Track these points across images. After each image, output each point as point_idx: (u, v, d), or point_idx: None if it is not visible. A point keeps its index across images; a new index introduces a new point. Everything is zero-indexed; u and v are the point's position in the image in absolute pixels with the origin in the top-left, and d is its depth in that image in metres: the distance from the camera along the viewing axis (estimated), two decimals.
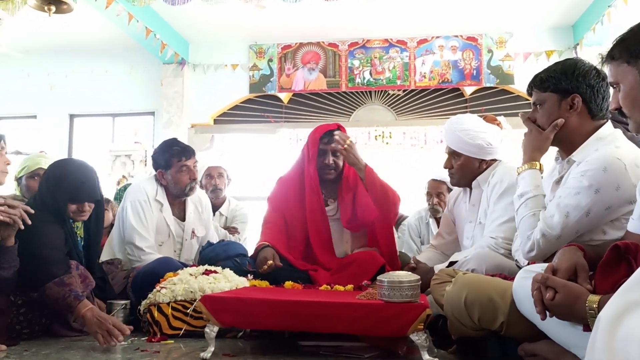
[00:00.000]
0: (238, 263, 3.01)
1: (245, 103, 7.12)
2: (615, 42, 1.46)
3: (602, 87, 1.83)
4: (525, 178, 1.89)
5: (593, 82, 1.83)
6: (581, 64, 1.87)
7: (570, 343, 1.41)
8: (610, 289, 1.22)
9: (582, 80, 1.83)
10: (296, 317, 1.87)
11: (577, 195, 1.70)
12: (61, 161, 2.66)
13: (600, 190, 1.66)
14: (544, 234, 1.74)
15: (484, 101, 6.72)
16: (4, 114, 7.59)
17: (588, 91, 1.83)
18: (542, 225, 1.75)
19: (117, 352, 2.07)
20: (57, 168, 2.52)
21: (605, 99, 1.84)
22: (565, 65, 1.89)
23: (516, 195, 1.91)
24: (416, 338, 1.77)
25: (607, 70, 1.51)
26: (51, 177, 2.46)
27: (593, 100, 1.83)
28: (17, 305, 2.27)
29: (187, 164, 3.04)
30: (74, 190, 2.42)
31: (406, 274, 1.86)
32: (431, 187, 3.93)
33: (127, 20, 5.60)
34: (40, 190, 2.50)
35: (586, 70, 1.84)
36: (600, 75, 1.84)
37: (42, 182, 2.51)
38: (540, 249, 1.75)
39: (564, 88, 1.85)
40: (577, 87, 1.83)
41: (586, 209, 1.68)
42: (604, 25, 5.65)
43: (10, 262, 2.15)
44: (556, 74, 1.87)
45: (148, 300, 2.43)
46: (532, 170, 1.89)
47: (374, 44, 6.96)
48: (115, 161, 6.80)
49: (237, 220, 4.16)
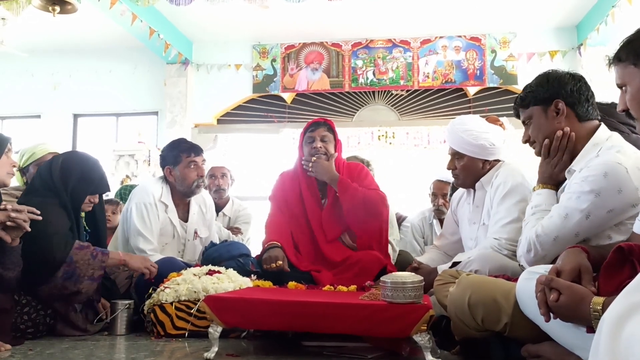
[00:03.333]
0: (241, 263, 3.01)
1: (248, 103, 7.13)
2: (622, 44, 1.46)
3: (581, 89, 1.86)
4: (542, 195, 1.93)
5: (570, 86, 1.86)
6: (554, 73, 1.92)
7: (574, 344, 1.41)
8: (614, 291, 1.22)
9: (559, 86, 1.87)
10: (299, 318, 1.87)
11: (578, 199, 1.71)
12: (77, 154, 2.74)
13: (601, 194, 1.66)
14: (538, 234, 1.78)
15: (488, 101, 6.71)
16: (8, 113, 7.62)
17: (568, 94, 1.86)
18: (538, 226, 1.79)
19: (120, 352, 2.08)
20: (77, 161, 2.60)
21: (589, 100, 1.86)
22: (540, 77, 1.94)
23: (530, 206, 1.96)
24: (419, 339, 1.78)
25: (614, 72, 1.51)
26: (72, 171, 2.53)
27: (577, 102, 1.86)
28: (21, 305, 2.28)
29: (195, 160, 3.07)
30: (97, 183, 2.60)
31: (409, 275, 1.86)
32: (436, 188, 3.92)
33: (131, 20, 5.61)
34: (45, 177, 2.52)
35: (560, 76, 1.89)
36: (575, 78, 1.88)
37: (53, 170, 2.53)
38: (537, 249, 1.78)
39: (544, 97, 1.89)
40: (556, 93, 1.87)
41: (586, 212, 1.69)
42: (608, 26, 5.64)
43: (14, 262, 2.16)
44: (533, 88, 1.93)
45: (152, 300, 2.43)
46: (550, 190, 1.93)
47: (377, 44, 6.96)
48: (118, 161, 6.80)
49: (240, 220, 4.17)
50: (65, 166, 2.55)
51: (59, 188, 2.49)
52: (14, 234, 2.08)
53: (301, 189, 3.02)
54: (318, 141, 2.97)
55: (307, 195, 3.00)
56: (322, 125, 3.02)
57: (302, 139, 3.05)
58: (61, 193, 2.49)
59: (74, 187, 2.52)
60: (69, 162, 2.58)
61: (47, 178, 2.52)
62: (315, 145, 2.96)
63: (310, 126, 3.03)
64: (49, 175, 2.52)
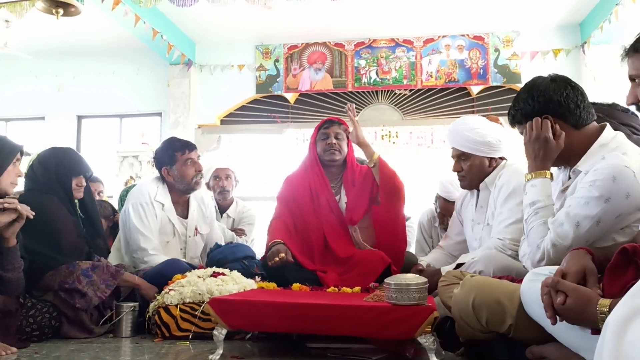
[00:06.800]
0: (246, 265, 3.02)
1: (251, 103, 7.14)
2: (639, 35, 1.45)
3: (568, 96, 1.79)
4: (537, 186, 1.83)
5: (557, 97, 1.79)
6: (539, 84, 1.84)
7: (579, 346, 1.40)
8: (619, 292, 1.22)
9: (544, 100, 1.80)
10: (304, 320, 1.88)
11: (587, 205, 1.66)
12: (50, 148, 2.85)
13: (611, 199, 1.63)
14: (554, 243, 1.70)
15: (491, 100, 6.69)
16: (12, 115, 7.64)
17: (556, 107, 1.79)
18: (552, 235, 1.71)
19: (126, 354, 2.09)
20: (52, 153, 2.77)
21: (580, 105, 1.79)
22: (524, 92, 1.86)
23: (526, 202, 1.86)
24: (424, 340, 1.78)
25: (629, 63, 1.47)
26: (49, 161, 2.70)
27: (567, 113, 1.79)
28: (26, 308, 2.29)
29: (191, 156, 3.11)
30: (76, 166, 2.75)
31: (413, 277, 1.86)
32: (444, 209, 3.62)
33: (134, 21, 5.62)
34: (32, 177, 2.68)
35: (544, 88, 1.81)
36: (560, 86, 1.80)
37: (39, 169, 2.69)
38: (550, 258, 1.71)
39: (532, 114, 1.83)
40: (544, 108, 1.80)
41: (597, 218, 1.65)
42: (611, 24, 5.61)
43: (13, 263, 2.16)
44: (520, 105, 1.87)
45: (156, 302, 2.44)
46: (543, 179, 1.83)
47: (380, 43, 6.95)
48: (122, 162, 6.82)
49: (245, 222, 4.16)
50: (42, 161, 2.71)
51: (48, 181, 2.63)
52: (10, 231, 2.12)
53: (312, 185, 3.04)
54: (332, 137, 3.04)
55: (320, 189, 3.03)
56: (335, 123, 3.11)
57: (316, 135, 3.10)
58: (52, 185, 2.64)
59: (56, 175, 2.66)
60: (43, 157, 2.74)
61: (34, 178, 2.67)
62: (330, 141, 3.03)
63: (324, 123, 3.11)
64: (33, 175, 2.69)
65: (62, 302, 2.39)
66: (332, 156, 3.02)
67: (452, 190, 3.27)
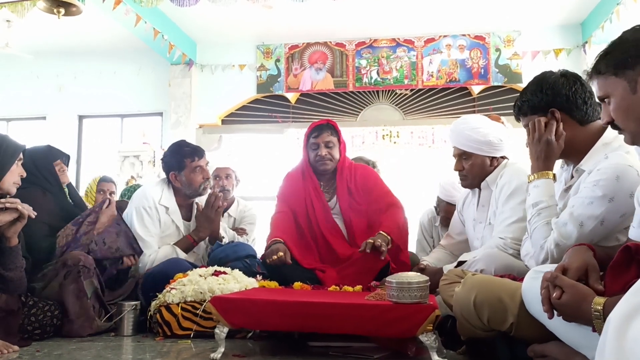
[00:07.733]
0: (247, 264, 3.01)
1: (252, 103, 7.14)
2: (599, 57, 1.46)
3: (577, 92, 1.81)
4: (539, 187, 1.84)
5: (565, 91, 1.81)
6: (548, 77, 1.86)
7: (580, 344, 1.40)
8: (620, 290, 1.22)
9: (553, 94, 1.82)
10: (305, 318, 1.88)
11: (591, 205, 1.66)
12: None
13: (615, 199, 1.63)
14: (558, 243, 1.71)
15: (492, 100, 6.69)
16: (14, 115, 7.65)
17: (564, 101, 1.81)
18: (556, 235, 1.72)
19: (127, 353, 2.09)
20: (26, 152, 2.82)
21: (587, 102, 1.81)
22: (534, 85, 1.89)
23: (529, 203, 1.87)
24: (425, 339, 1.78)
25: (595, 85, 1.50)
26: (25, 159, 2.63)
27: (573, 108, 1.81)
28: (28, 306, 2.29)
29: (200, 164, 3.08)
30: (47, 152, 2.86)
31: (415, 275, 1.86)
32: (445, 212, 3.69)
33: (135, 21, 5.62)
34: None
35: (554, 82, 1.84)
36: (570, 81, 1.83)
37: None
38: (554, 258, 1.71)
39: (539, 106, 1.85)
40: (551, 102, 1.83)
41: (601, 218, 1.65)
42: (612, 24, 5.61)
43: (15, 262, 2.17)
44: (527, 97, 1.89)
45: (158, 300, 2.44)
46: (546, 179, 1.85)
47: (381, 43, 6.95)
48: (124, 162, 6.84)
49: (246, 221, 4.17)
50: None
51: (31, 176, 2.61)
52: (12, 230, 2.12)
53: (307, 189, 3.03)
54: (322, 148, 2.98)
55: (313, 195, 3.02)
56: (325, 129, 3.02)
57: (306, 142, 3.06)
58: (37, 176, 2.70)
59: (36, 166, 2.72)
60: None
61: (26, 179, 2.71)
62: (320, 153, 2.98)
63: (313, 131, 3.03)
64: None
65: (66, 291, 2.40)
66: (324, 167, 3.00)
67: (453, 193, 3.26)
